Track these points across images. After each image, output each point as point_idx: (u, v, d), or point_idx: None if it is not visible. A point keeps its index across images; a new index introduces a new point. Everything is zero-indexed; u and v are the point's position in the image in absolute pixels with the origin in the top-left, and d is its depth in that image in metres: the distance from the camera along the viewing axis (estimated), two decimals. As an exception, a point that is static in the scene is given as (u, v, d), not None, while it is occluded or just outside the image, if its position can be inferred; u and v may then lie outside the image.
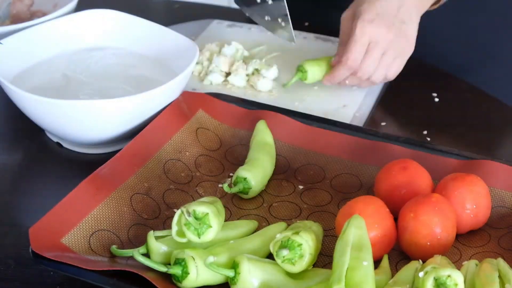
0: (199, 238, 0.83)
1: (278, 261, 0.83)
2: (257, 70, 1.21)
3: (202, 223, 0.83)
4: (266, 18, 1.18)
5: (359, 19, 1.11)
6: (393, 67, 1.14)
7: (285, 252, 0.83)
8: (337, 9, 1.21)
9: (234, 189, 0.96)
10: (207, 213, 0.83)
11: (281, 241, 0.83)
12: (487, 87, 1.27)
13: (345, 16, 1.16)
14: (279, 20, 1.17)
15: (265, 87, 1.19)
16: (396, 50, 1.13)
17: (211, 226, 0.83)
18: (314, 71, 1.19)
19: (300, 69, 1.19)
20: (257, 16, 1.19)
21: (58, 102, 0.98)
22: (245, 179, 0.96)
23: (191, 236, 0.83)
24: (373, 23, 1.10)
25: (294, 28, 1.20)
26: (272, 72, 1.20)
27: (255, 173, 0.96)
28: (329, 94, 1.19)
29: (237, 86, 1.20)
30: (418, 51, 1.18)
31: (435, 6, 1.19)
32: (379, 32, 1.11)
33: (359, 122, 1.14)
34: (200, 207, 0.83)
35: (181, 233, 0.84)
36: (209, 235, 0.83)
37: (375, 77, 1.14)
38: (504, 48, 1.36)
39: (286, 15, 1.15)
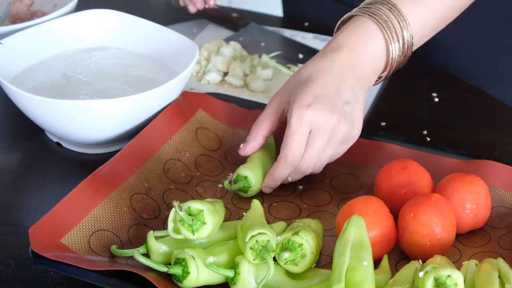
0: (193, 234, 0.83)
1: (281, 263, 0.83)
2: (253, 66, 1.21)
3: (197, 219, 0.83)
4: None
5: (294, 104, 0.93)
6: (336, 155, 0.98)
7: (286, 255, 0.83)
8: (336, 9, 1.21)
9: (234, 187, 0.96)
10: (202, 210, 0.83)
11: (282, 243, 0.84)
12: (484, 82, 1.27)
13: (274, 101, 0.99)
14: None
15: (259, 87, 1.18)
16: (341, 136, 0.95)
17: (205, 223, 0.83)
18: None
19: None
20: None
21: (58, 102, 0.98)
22: (245, 177, 0.96)
23: (185, 232, 0.83)
24: (312, 107, 0.92)
25: (294, 28, 1.20)
26: (267, 73, 1.20)
27: (256, 172, 0.96)
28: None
29: (235, 85, 1.20)
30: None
31: (379, 81, 1.02)
32: (320, 116, 0.92)
33: (358, 122, 1.13)
34: (195, 204, 0.83)
35: (177, 230, 0.84)
36: (204, 232, 0.83)
37: (317, 168, 0.97)
38: (501, 45, 1.36)
39: None
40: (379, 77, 1.01)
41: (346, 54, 0.96)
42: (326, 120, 0.93)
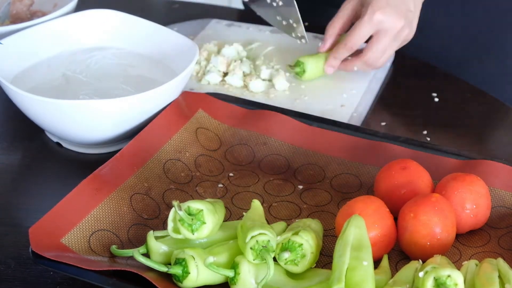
0: (193, 234, 0.83)
1: (281, 263, 0.83)
2: (258, 65, 1.21)
3: (196, 219, 0.83)
4: (278, 18, 1.21)
5: (369, 6, 1.14)
6: (392, 53, 1.19)
7: (286, 255, 0.83)
8: (336, 10, 1.21)
9: (294, 70, 1.20)
10: (202, 210, 0.83)
11: (282, 243, 0.84)
12: (484, 82, 1.27)
13: (348, 4, 1.19)
14: (291, 21, 1.20)
15: (258, 88, 1.18)
16: (402, 38, 1.17)
17: (205, 223, 0.83)
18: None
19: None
20: (268, 16, 1.22)
21: (58, 102, 0.98)
22: (302, 63, 1.19)
23: (185, 232, 0.83)
24: (384, 11, 1.13)
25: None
26: (265, 73, 1.20)
27: (311, 62, 1.20)
28: (327, 94, 1.19)
29: (235, 86, 1.20)
30: (415, 46, 1.19)
31: None
32: (390, 20, 1.14)
33: (357, 122, 1.14)
34: (195, 204, 0.83)
35: (177, 230, 0.84)
36: (204, 231, 0.83)
37: (380, 63, 1.19)
38: (500, 43, 1.36)
39: (298, 18, 1.19)
40: None
41: None
42: (394, 23, 1.14)
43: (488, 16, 1.34)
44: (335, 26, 1.20)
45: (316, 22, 1.36)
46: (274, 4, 1.19)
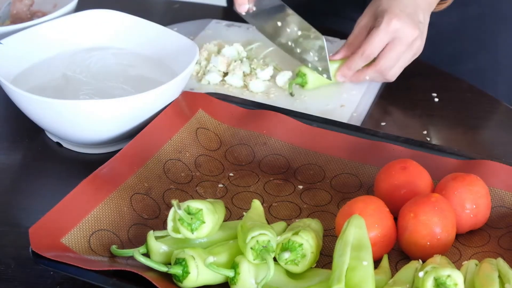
0: (192, 233, 0.83)
1: (281, 263, 0.83)
2: (253, 69, 1.21)
3: (196, 218, 0.83)
4: (298, 50, 1.19)
5: (385, 14, 1.12)
6: (404, 65, 1.17)
7: (286, 255, 0.83)
8: (336, 10, 1.21)
9: (295, 81, 1.18)
10: (201, 209, 0.83)
11: (282, 243, 0.84)
12: (476, 76, 1.27)
13: (362, 21, 1.17)
14: (316, 58, 1.17)
15: (258, 88, 1.18)
16: (415, 49, 1.15)
17: (204, 222, 0.83)
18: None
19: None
20: (287, 47, 1.21)
21: (58, 102, 0.98)
22: (304, 74, 1.17)
23: (184, 231, 0.83)
24: (400, 19, 1.11)
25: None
26: (266, 73, 1.20)
27: (313, 73, 1.17)
28: (326, 94, 1.19)
29: (235, 86, 1.20)
30: None
31: (440, 7, 1.22)
32: (405, 28, 1.12)
33: (357, 122, 1.14)
34: (194, 203, 0.83)
35: (176, 229, 0.84)
36: (203, 230, 0.83)
37: (393, 73, 1.16)
38: (494, 38, 1.36)
39: (326, 58, 1.16)
40: (444, 2, 1.21)
41: None
42: (410, 32, 1.12)
43: (481, 13, 1.34)
44: (358, 38, 1.17)
45: (316, 24, 1.36)
46: (288, 29, 1.17)
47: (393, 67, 1.15)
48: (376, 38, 1.12)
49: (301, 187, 1.00)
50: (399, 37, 1.12)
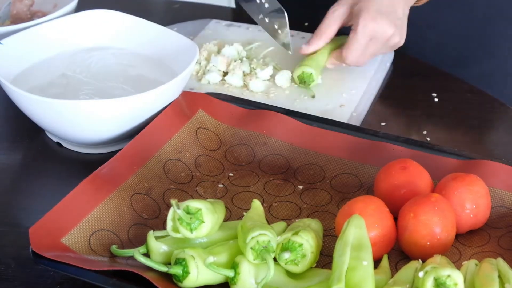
0: (192, 233, 0.83)
1: (281, 263, 0.83)
2: (253, 68, 1.21)
3: (195, 218, 0.83)
4: (266, 20, 1.22)
5: (361, 17, 1.15)
6: (380, 54, 1.22)
7: (286, 255, 0.83)
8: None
9: (301, 85, 1.19)
10: (200, 209, 0.83)
11: (282, 244, 0.84)
12: (483, 80, 1.27)
13: (337, 12, 1.20)
14: (276, 26, 1.21)
15: (258, 88, 1.19)
16: (392, 45, 1.19)
17: (204, 222, 0.83)
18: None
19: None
20: (257, 16, 1.22)
21: (58, 102, 0.98)
22: (310, 74, 1.18)
23: (183, 231, 0.83)
24: (376, 21, 1.15)
25: (294, 28, 1.20)
26: (266, 73, 1.20)
27: (317, 68, 1.19)
28: (326, 94, 1.19)
29: (235, 85, 1.20)
30: (414, 44, 1.19)
31: (419, 3, 1.24)
32: (381, 28, 1.15)
33: (357, 122, 1.14)
34: (194, 203, 0.83)
35: (176, 229, 0.84)
36: (202, 230, 0.83)
37: (360, 62, 1.20)
38: (499, 40, 1.36)
39: (285, 24, 1.20)
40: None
41: None
42: (385, 31, 1.15)
43: (486, 15, 1.34)
44: (323, 34, 1.21)
45: (316, 23, 1.36)
46: (258, 1, 1.20)
47: (363, 59, 1.20)
48: (355, 45, 1.16)
49: (301, 187, 1.00)
50: (376, 37, 1.16)
